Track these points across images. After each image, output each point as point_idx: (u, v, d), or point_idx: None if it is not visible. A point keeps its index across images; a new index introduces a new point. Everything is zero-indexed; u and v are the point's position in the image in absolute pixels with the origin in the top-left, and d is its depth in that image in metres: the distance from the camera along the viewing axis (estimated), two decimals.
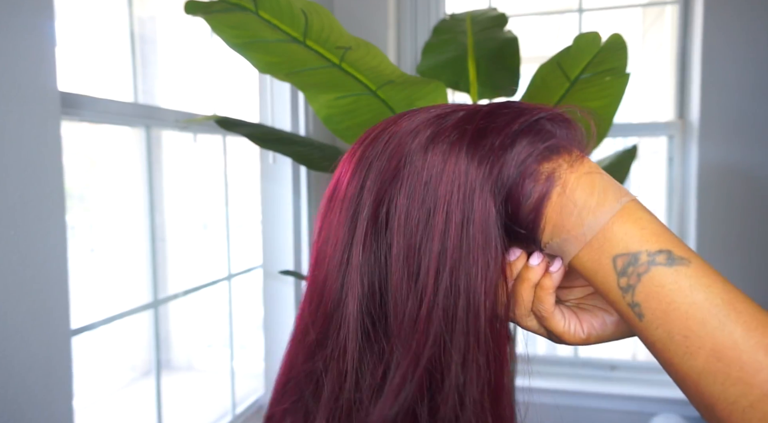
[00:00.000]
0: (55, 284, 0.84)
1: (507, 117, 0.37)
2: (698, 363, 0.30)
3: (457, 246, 0.35)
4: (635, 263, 0.33)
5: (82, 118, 1.05)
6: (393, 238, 0.36)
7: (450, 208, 0.35)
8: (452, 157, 0.36)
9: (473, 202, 0.35)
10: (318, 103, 1.11)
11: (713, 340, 0.30)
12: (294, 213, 1.67)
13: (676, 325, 0.31)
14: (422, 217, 0.36)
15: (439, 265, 0.35)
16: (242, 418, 1.65)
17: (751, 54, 1.70)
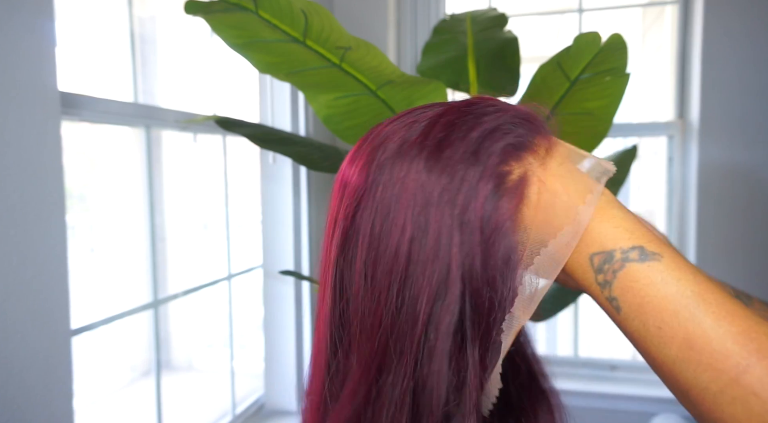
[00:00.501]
0: (55, 284, 0.84)
1: (466, 126, 0.37)
2: (672, 352, 0.32)
3: (408, 258, 0.35)
4: (610, 261, 0.34)
5: (82, 118, 1.05)
6: (357, 252, 0.37)
7: (406, 222, 0.35)
8: (411, 172, 0.36)
9: (429, 214, 0.35)
10: (318, 103, 1.11)
11: (685, 330, 0.31)
12: (294, 213, 1.67)
13: (651, 317, 0.33)
14: (384, 231, 0.36)
15: (392, 277, 0.35)
16: (242, 418, 1.65)
17: (751, 54, 1.70)
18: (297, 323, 1.69)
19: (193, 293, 1.48)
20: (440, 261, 0.34)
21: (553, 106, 1.11)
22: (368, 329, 0.36)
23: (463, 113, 0.38)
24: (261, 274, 1.70)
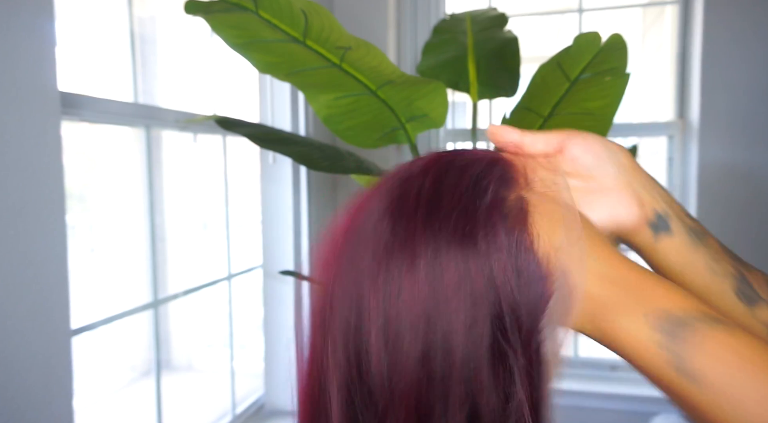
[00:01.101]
0: (55, 284, 0.84)
1: (450, 195, 0.35)
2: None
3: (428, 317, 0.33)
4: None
5: (82, 118, 1.05)
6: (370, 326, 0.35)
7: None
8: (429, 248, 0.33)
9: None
10: (318, 103, 1.11)
11: None
12: (294, 213, 1.67)
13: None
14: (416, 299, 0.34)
15: (416, 334, 0.33)
16: (242, 418, 1.65)
17: (751, 54, 1.70)
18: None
19: (193, 293, 1.48)
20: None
21: (553, 106, 1.11)
22: (402, 391, 0.33)
23: (438, 180, 0.36)
24: (261, 274, 1.71)
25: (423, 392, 0.33)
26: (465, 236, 0.33)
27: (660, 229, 0.42)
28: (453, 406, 0.32)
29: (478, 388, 0.32)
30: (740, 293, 0.42)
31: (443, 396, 0.32)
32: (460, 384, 0.32)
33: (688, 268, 0.42)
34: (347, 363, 0.35)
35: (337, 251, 0.37)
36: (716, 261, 0.42)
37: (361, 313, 0.34)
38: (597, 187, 0.41)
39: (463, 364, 0.32)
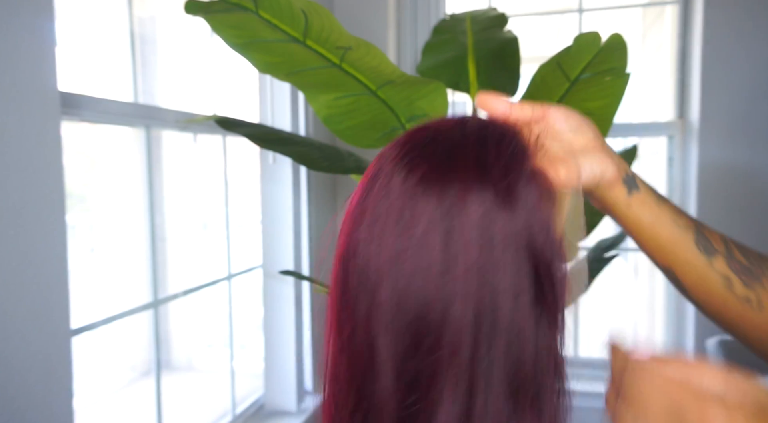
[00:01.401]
0: (55, 284, 0.84)
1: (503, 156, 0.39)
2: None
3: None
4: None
5: (82, 118, 1.05)
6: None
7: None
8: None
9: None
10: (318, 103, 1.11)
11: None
12: (294, 213, 1.67)
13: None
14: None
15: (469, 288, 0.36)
16: (242, 418, 1.65)
17: (751, 54, 1.70)
18: (297, 323, 1.69)
19: (193, 293, 1.48)
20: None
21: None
22: (457, 346, 0.35)
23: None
24: (261, 274, 1.71)
25: (472, 332, 0.35)
26: (510, 196, 0.36)
27: (632, 186, 0.47)
28: (497, 348, 0.35)
29: (521, 327, 0.36)
30: (700, 245, 0.47)
31: (489, 337, 0.35)
32: (505, 325, 0.35)
33: (657, 221, 0.47)
34: (398, 310, 0.36)
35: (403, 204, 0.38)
36: (678, 216, 0.47)
37: (421, 259, 0.36)
38: (578, 148, 0.45)
39: (510, 308, 0.35)
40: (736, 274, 0.46)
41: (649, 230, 0.47)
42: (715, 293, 0.46)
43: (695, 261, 0.46)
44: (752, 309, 0.45)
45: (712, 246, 0.47)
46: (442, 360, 0.35)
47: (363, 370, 0.37)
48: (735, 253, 0.47)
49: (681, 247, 0.47)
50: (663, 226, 0.47)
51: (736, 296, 0.46)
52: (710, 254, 0.46)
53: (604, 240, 1.45)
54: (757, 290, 0.45)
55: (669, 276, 0.49)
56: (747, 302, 0.45)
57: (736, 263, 0.46)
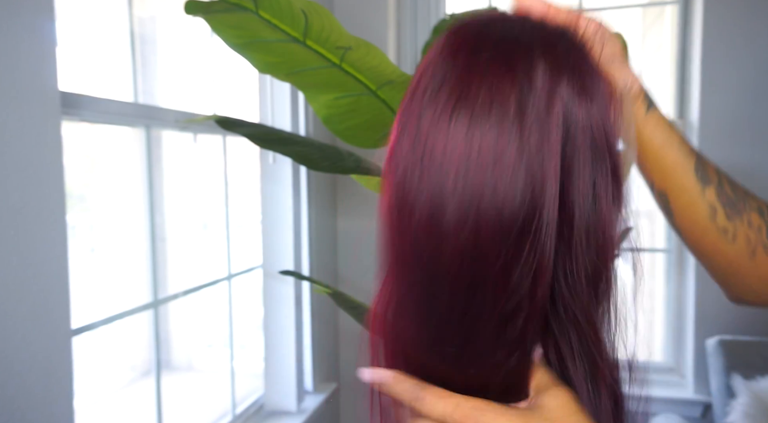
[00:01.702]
0: (55, 284, 0.84)
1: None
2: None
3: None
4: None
5: (82, 118, 1.05)
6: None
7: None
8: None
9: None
10: (318, 103, 1.11)
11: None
12: (294, 213, 1.67)
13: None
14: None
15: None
16: (242, 418, 1.65)
17: (750, 54, 1.70)
18: (297, 323, 1.69)
19: (193, 293, 1.48)
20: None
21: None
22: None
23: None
24: (261, 274, 1.70)
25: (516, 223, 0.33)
26: (585, 87, 0.35)
27: (651, 104, 0.48)
28: (579, 236, 0.35)
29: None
30: (698, 173, 0.49)
31: (571, 225, 0.35)
32: (585, 215, 0.35)
33: (666, 143, 0.48)
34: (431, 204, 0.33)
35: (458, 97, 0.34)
36: (684, 142, 0.49)
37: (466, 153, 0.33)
38: (606, 58, 0.43)
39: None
40: (723, 205, 0.48)
41: (657, 151, 0.48)
42: (699, 221, 0.49)
43: (691, 188, 0.48)
44: (726, 241, 0.48)
45: (708, 176, 0.49)
46: (530, 249, 0.33)
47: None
48: (725, 185, 0.49)
49: (681, 173, 0.48)
50: (671, 148, 0.48)
51: (716, 226, 0.48)
52: (705, 183, 0.48)
53: None
54: (736, 223, 0.48)
55: (661, 200, 0.51)
56: (724, 233, 0.48)
57: (724, 196, 0.48)
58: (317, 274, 1.84)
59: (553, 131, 0.33)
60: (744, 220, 0.48)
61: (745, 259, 0.48)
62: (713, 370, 1.67)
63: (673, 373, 1.94)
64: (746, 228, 0.48)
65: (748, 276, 0.49)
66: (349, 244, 2.01)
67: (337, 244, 2.02)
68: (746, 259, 0.48)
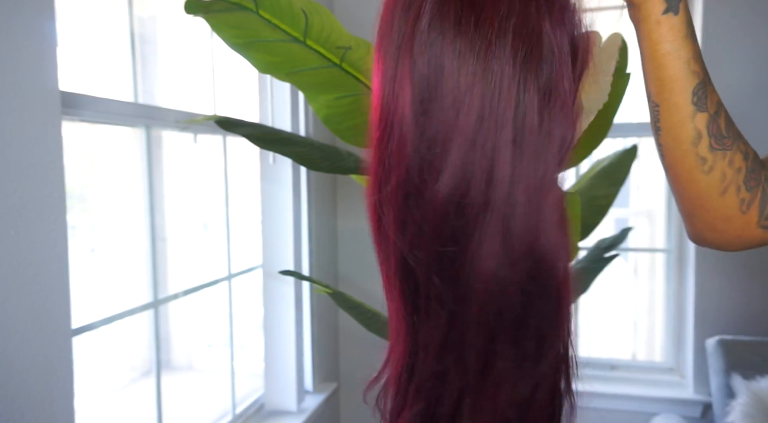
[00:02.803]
0: (55, 284, 0.84)
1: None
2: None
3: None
4: None
5: (82, 118, 1.05)
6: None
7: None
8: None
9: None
10: (318, 103, 1.11)
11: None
12: (294, 213, 1.67)
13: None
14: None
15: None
16: (242, 418, 1.65)
17: (751, 54, 1.70)
18: (297, 323, 1.69)
19: (193, 293, 1.48)
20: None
21: None
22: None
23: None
24: (261, 274, 1.71)
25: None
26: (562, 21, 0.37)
27: (672, 8, 0.46)
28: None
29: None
30: (695, 95, 0.48)
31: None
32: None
33: (673, 53, 0.47)
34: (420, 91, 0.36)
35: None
36: (694, 60, 0.47)
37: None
38: None
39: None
40: (709, 135, 0.48)
41: (661, 58, 0.47)
42: (682, 143, 0.49)
43: (683, 108, 0.48)
44: (702, 170, 0.49)
45: (706, 103, 0.48)
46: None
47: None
48: (721, 119, 0.49)
49: (678, 89, 0.48)
50: (676, 60, 0.47)
51: (696, 153, 0.48)
52: (699, 108, 0.48)
53: (603, 240, 1.45)
54: (716, 156, 0.48)
55: (653, 113, 0.51)
56: (702, 162, 0.49)
57: (715, 126, 0.48)
58: (317, 274, 1.84)
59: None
60: (726, 157, 0.48)
61: (714, 194, 0.49)
62: (713, 370, 1.67)
63: (673, 373, 1.94)
64: (725, 164, 0.48)
65: (712, 212, 0.50)
66: (349, 244, 2.01)
67: (337, 244, 2.02)
68: (715, 194, 0.49)
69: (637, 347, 3.03)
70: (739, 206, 0.49)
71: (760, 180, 0.49)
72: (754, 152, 0.50)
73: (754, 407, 1.46)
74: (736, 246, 0.53)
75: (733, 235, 0.51)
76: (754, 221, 0.50)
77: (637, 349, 3.05)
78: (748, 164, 0.49)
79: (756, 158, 0.50)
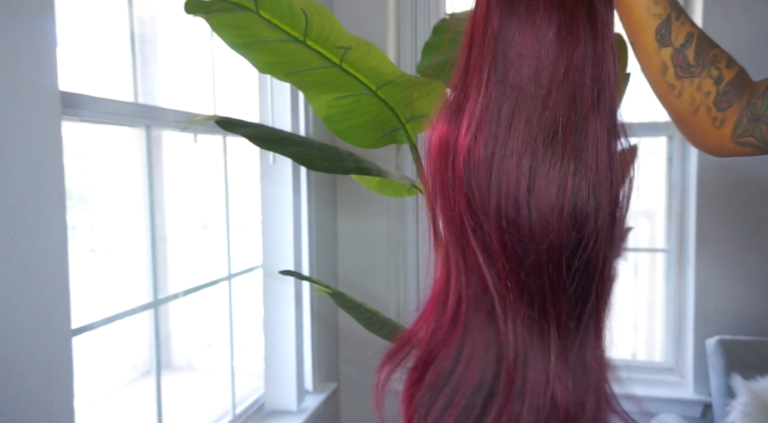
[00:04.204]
0: (55, 284, 0.84)
1: None
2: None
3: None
4: None
5: (82, 118, 1.05)
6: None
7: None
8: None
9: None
10: (318, 103, 1.11)
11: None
12: (294, 213, 1.67)
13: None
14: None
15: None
16: (242, 418, 1.65)
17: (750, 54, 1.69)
18: (297, 323, 1.69)
19: (193, 293, 1.48)
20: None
21: None
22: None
23: None
24: (261, 274, 1.70)
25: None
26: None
27: None
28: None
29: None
30: (659, 34, 0.55)
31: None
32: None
33: (634, 3, 0.54)
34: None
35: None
36: (654, 4, 0.54)
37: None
38: None
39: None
40: (674, 66, 0.56)
41: (626, 7, 0.55)
42: (653, 74, 0.57)
43: (649, 45, 0.56)
44: (673, 95, 0.57)
45: (669, 38, 0.55)
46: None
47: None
48: (689, 50, 0.55)
49: (643, 31, 0.55)
50: (637, 8, 0.54)
51: (666, 81, 0.57)
52: (663, 44, 0.55)
53: None
54: (684, 82, 0.56)
55: (632, 49, 0.59)
56: (671, 89, 0.57)
57: (680, 57, 0.55)
58: (317, 274, 1.84)
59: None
60: (693, 83, 0.56)
61: (687, 114, 0.57)
62: (713, 369, 1.67)
63: (673, 373, 1.94)
64: (693, 90, 0.56)
65: (691, 126, 0.58)
66: (349, 244, 2.01)
67: (337, 244, 2.02)
68: (689, 114, 0.57)
69: (637, 347, 3.03)
70: (712, 123, 0.56)
71: (734, 102, 0.55)
72: (734, 75, 0.56)
73: (754, 407, 1.46)
74: (719, 154, 0.60)
75: (713, 145, 0.58)
76: (728, 137, 0.56)
77: (637, 349, 3.05)
78: (720, 87, 0.55)
79: (733, 81, 0.55)
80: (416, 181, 1.26)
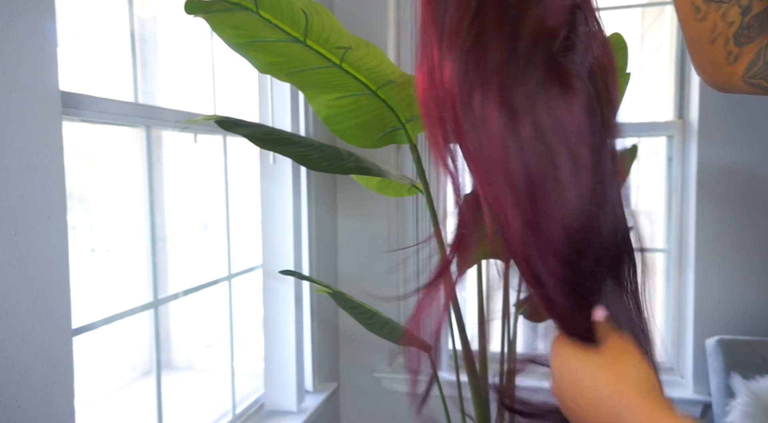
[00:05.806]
0: (55, 284, 0.84)
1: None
2: None
3: None
4: None
5: (82, 118, 1.05)
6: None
7: None
8: None
9: None
10: (318, 103, 1.11)
11: None
12: (294, 213, 1.67)
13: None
14: None
15: None
16: (242, 418, 1.65)
17: None
18: (297, 323, 1.69)
19: (193, 293, 1.48)
20: None
21: None
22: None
23: None
24: (261, 274, 1.71)
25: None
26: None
27: None
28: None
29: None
30: None
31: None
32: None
33: None
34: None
35: None
36: None
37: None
38: None
39: None
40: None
41: None
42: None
43: None
44: (696, 18, 0.55)
45: None
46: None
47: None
48: None
49: None
50: None
51: (692, 1, 0.54)
52: None
53: None
54: (711, 7, 0.53)
55: None
56: (696, 11, 0.54)
57: None
58: (317, 274, 1.84)
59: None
60: (720, 8, 0.53)
61: (705, 41, 0.55)
62: (713, 369, 1.67)
63: (672, 373, 1.94)
64: (717, 16, 0.54)
65: (704, 56, 0.57)
66: (349, 244, 2.01)
67: (337, 244, 2.02)
68: (706, 42, 0.55)
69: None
70: (726, 57, 0.55)
71: (754, 37, 0.54)
72: (764, 7, 0.53)
73: (753, 407, 1.46)
74: (726, 90, 0.60)
75: (721, 80, 0.58)
76: (739, 75, 0.55)
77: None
78: (744, 20, 0.53)
79: (760, 15, 0.54)
80: (416, 181, 1.26)
